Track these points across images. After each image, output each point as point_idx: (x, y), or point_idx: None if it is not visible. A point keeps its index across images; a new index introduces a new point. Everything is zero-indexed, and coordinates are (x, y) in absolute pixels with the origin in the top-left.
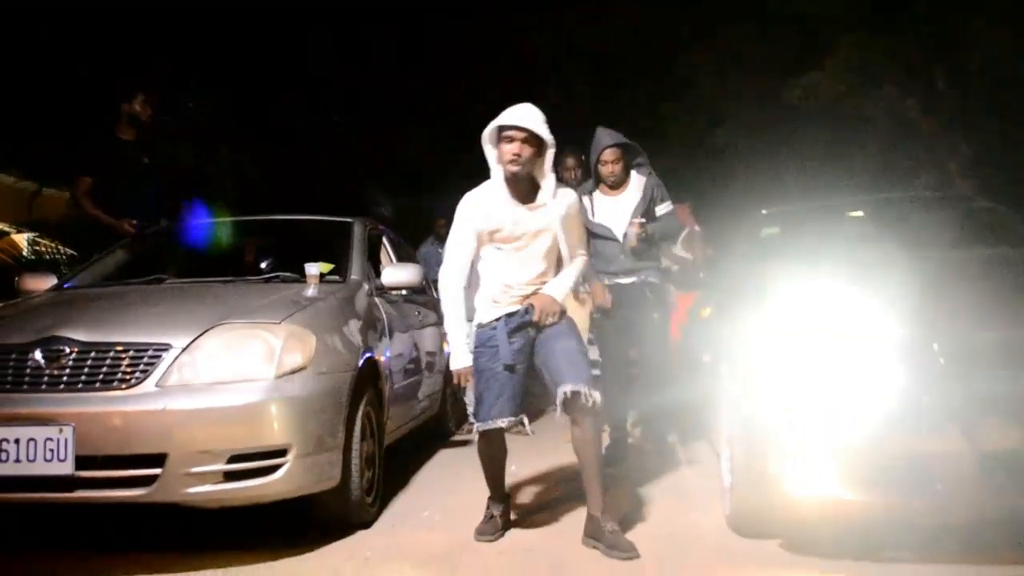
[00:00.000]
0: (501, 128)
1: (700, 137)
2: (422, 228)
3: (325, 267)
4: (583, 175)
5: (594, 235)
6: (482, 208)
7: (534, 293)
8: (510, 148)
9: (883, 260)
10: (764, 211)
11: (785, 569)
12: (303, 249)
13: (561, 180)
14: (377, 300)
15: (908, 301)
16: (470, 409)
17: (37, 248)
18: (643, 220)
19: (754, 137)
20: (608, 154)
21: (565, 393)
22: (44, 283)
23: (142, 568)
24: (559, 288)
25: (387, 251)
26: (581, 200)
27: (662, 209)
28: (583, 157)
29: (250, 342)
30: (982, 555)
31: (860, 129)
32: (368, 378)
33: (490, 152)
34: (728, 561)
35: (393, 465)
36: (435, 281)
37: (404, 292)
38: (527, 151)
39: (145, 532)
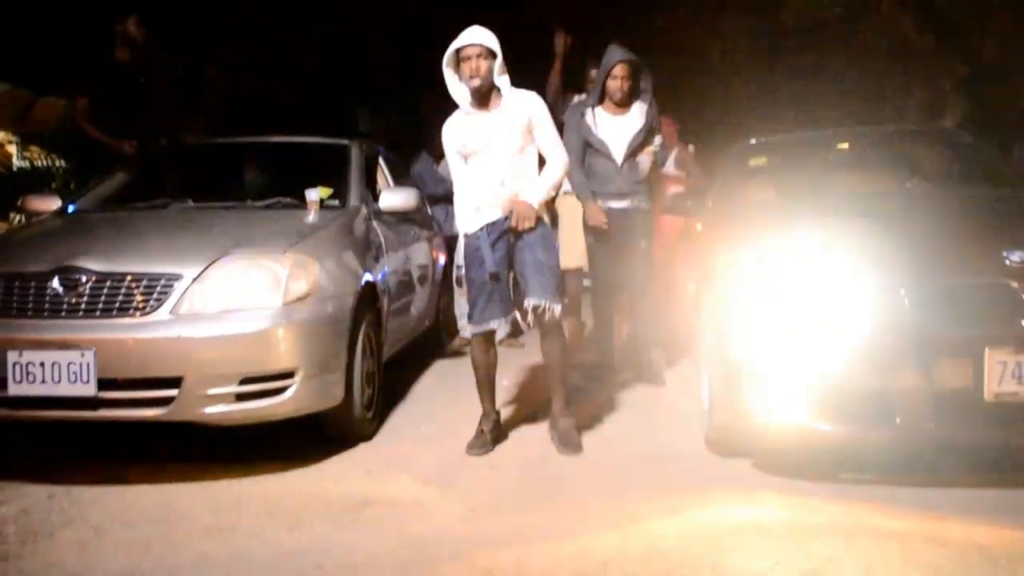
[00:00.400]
0: (457, 51)
1: (696, 57)
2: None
3: (324, 192)
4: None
5: (592, 149)
6: (459, 130)
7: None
8: (468, 65)
9: (862, 199)
10: (752, 140)
11: (751, 489)
12: (302, 171)
13: (586, 92)
14: (374, 223)
15: (882, 244)
16: (460, 322)
17: (27, 155)
18: (656, 149)
19: (751, 56)
20: (619, 69)
21: (530, 304)
22: (49, 204)
23: (161, 478)
24: (535, 193)
25: (383, 171)
26: (583, 115)
27: (658, 141)
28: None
29: (257, 272)
30: (934, 479)
31: (856, 49)
32: (368, 300)
33: (451, 77)
34: (701, 482)
35: (391, 377)
36: (430, 196)
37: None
38: (483, 65)
39: (162, 447)
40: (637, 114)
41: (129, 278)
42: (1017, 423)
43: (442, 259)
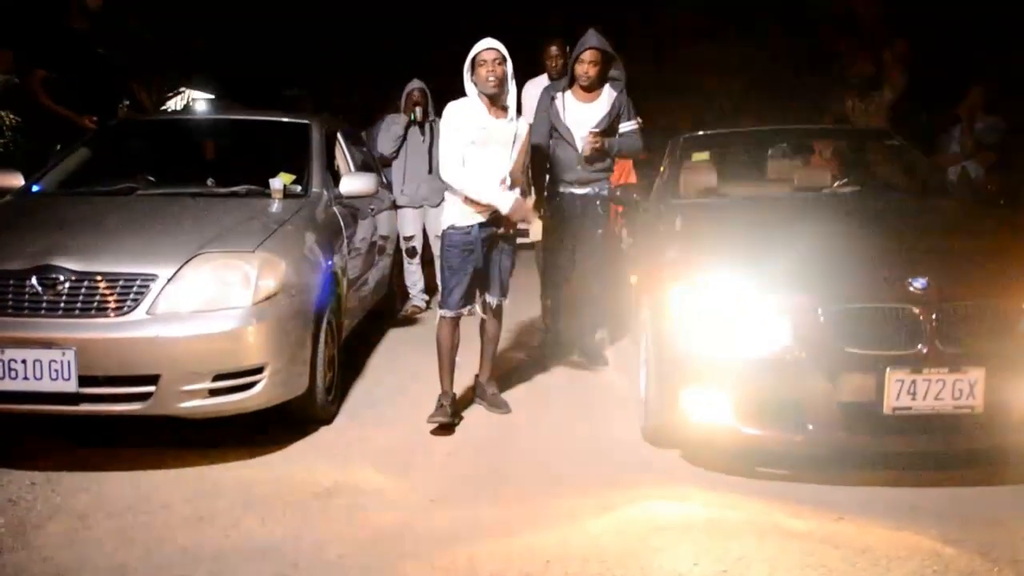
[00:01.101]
0: (475, 57)
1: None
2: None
3: (287, 178)
4: (563, 67)
5: (557, 135)
6: (466, 116)
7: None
8: (485, 68)
9: (789, 211)
10: (683, 137)
11: (679, 484)
12: (263, 150)
13: (543, 67)
14: (335, 209)
15: (803, 266)
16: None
17: None
18: (597, 131)
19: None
20: (588, 55)
21: (491, 301)
22: (11, 181)
23: (137, 465)
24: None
25: (342, 148)
26: (553, 99)
27: (626, 126)
28: (567, 48)
29: (228, 271)
30: (841, 479)
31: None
32: (330, 288)
33: (468, 80)
34: (635, 476)
35: (348, 350)
36: (379, 155)
37: None
38: (500, 71)
39: (133, 434)
40: (604, 102)
41: (106, 278)
42: (911, 433)
43: (395, 230)
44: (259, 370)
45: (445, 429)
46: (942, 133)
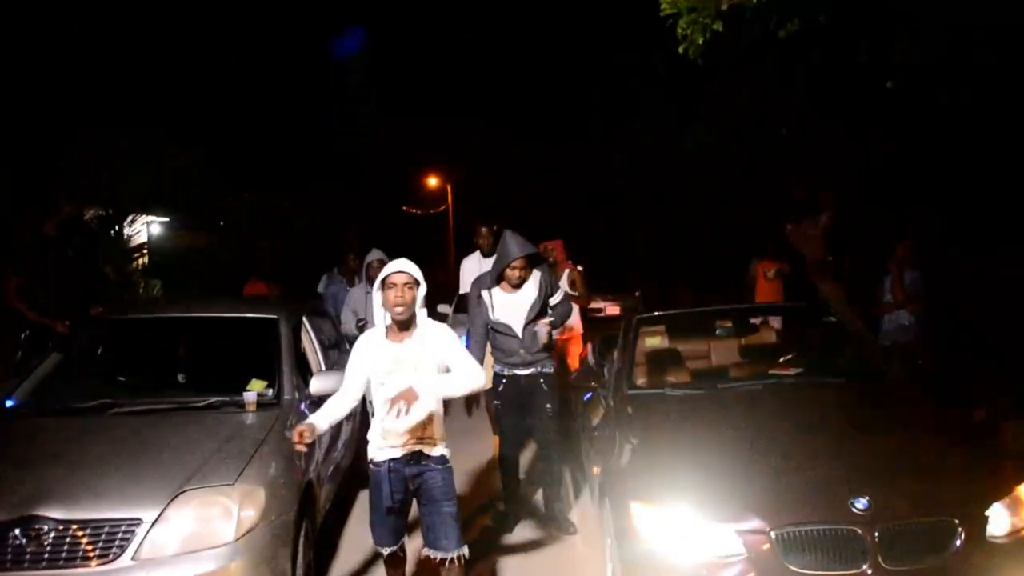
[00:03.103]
0: (384, 280)
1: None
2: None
3: (259, 386)
4: (494, 244)
5: (495, 330)
6: (369, 348)
7: (418, 431)
8: (393, 292)
9: (738, 409)
10: (636, 318)
11: None
12: (232, 349)
13: (476, 246)
14: (307, 411)
15: (756, 485)
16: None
17: None
18: (551, 319)
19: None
20: (518, 263)
21: (433, 556)
22: None
23: None
24: (433, 385)
25: (309, 334)
26: (480, 297)
27: (556, 299)
28: (494, 227)
29: (211, 509)
30: None
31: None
32: (307, 497)
33: (377, 299)
34: None
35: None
36: (338, 317)
37: None
38: (409, 294)
39: None
40: (531, 288)
41: (91, 526)
42: None
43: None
44: None
45: None
46: (878, 283)
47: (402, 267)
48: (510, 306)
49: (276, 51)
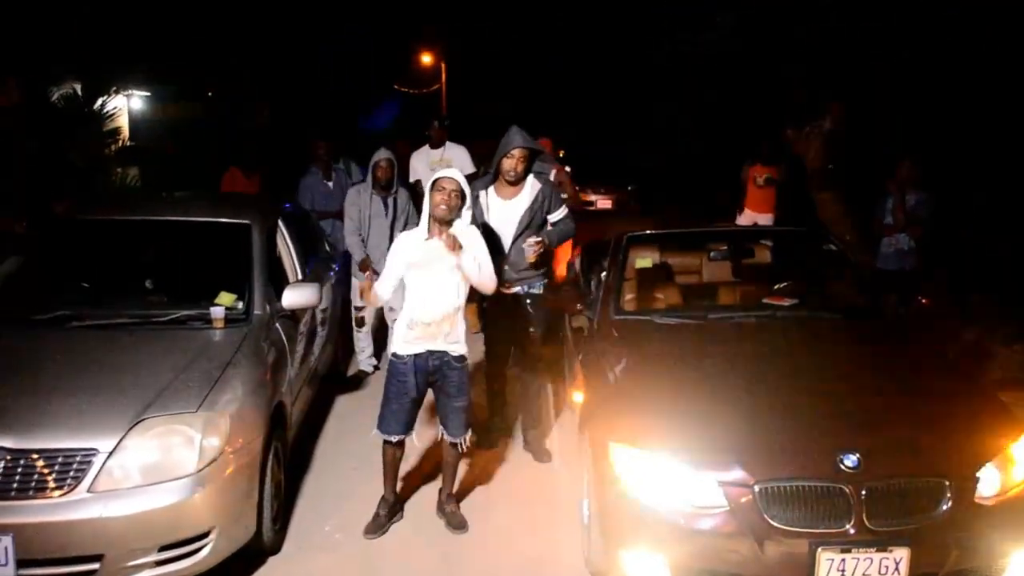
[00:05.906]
0: (434, 183)
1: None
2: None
3: (228, 299)
4: (442, 138)
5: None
6: (409, 242)
7: (443, 321)
8: (441, 196)
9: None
10: (627, 236)
11: None
12: (201, 256)
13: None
14: (278, 325)
15: (742, 435)
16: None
17: None
18: (540, 239)
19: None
20: (517, 152)
21: (446, 439)
22: None
23: None
24: (466, 264)
25: (284, 238)
26: (477, 198)
27: (556, 216)
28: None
29: (172, 438)
30: None
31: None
32: (276, 417)
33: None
34: None
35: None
36: (315, 211)
37: None
38: (455, 200)
39: None
40: (525, 196)
41: (44, 455)
42: None
43: (339, 296)
44: (206, 534)
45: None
46: (879, 199)
47: (454, 175)
48: (502, 212)
49: None
